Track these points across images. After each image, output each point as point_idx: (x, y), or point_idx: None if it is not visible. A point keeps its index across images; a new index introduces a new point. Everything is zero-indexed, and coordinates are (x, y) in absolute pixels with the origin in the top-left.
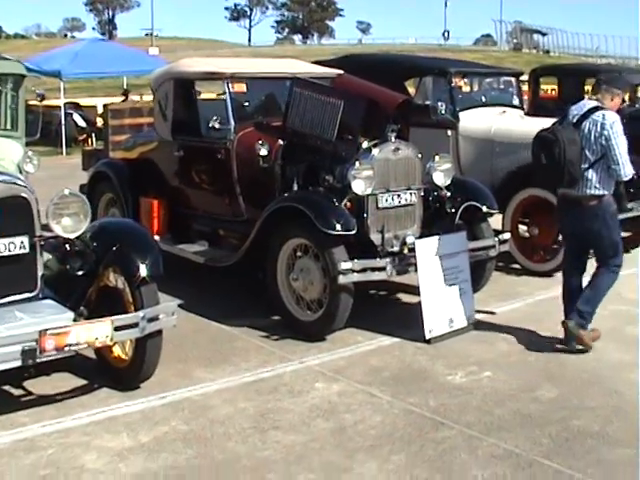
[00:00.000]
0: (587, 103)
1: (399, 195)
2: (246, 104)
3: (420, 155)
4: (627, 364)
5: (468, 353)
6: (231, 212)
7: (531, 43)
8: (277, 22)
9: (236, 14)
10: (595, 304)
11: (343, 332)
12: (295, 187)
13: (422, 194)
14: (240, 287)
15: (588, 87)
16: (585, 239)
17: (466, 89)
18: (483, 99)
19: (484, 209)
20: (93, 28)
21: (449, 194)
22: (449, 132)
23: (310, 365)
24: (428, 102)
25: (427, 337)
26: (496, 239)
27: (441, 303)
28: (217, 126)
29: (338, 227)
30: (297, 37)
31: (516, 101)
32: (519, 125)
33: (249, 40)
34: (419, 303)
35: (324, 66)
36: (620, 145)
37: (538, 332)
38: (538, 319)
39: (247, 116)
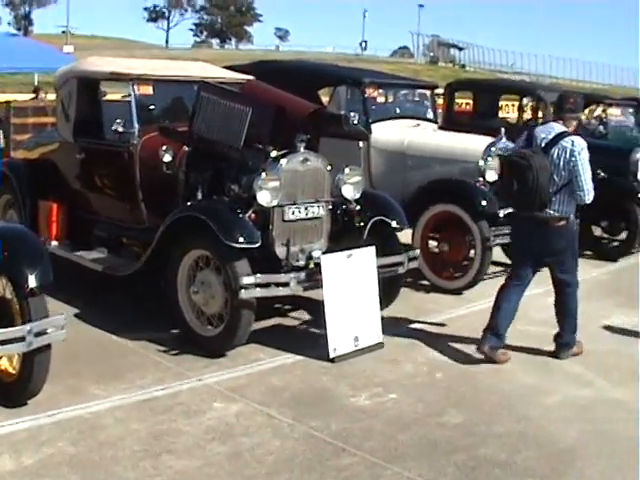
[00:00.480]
0: (554, 127)
1: (306, 208)
2: (152, 107)
3: (330, 167)
4: (538, 388)
5: (374, 373)
6: (133, 219)
7: (447, 57)
8: (195, 25)
9: (154, 15)
10: (575, 326)
11: (245, 348)
12: (200, 195)
13: (330, 207)
14: (141, 297)
15: (503, 103)
16: (546, 258)
17: (380, 100)
18: (397, 111)
19: (393, 224)
20: (9, 23)
21: (358, 208)
22: (361, 144)
23: (208, 383)
24: (341, 112)
25: (331, 356)
26: (405, 256)
27: (347, 321)
28: (120, 129)
29: (241, 240)
30: (215, 41)
31: (430, 114)
32: (432, 139)
33: (166, 42)
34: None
35: (236, 71)
36: (586, 172)
37: (446, 352)
38: (447, 338)
39: (153, 120)
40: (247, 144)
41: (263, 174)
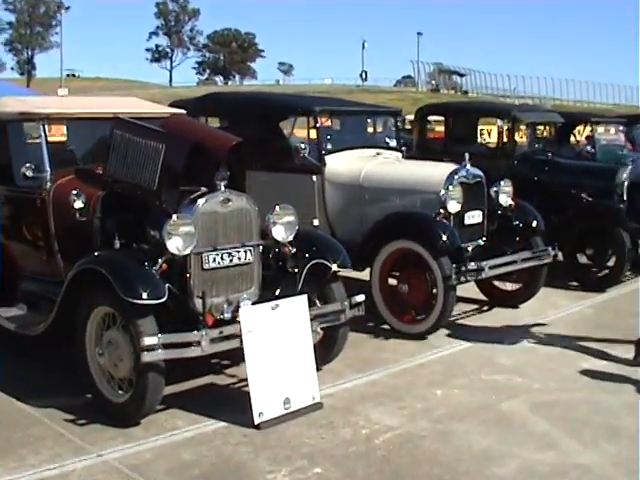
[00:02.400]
0: None
1: (230, 254)
2: (72, 148)
3: (256, 207)
4: (491, 454)
5: (302, 441)
6: (50, 272)
7: (449, 84)
8: (198, 63)
9: (157, 55)
10: None
11: (163, 414)
12: (117, 244)
13: (261, 251)
14: (58, 358)
15: (482, 127)
16: None
17: (338, 129)
18: (355, 140)
19: (334, 267)
20: (12, 68)
21: (294, 251)
22: (314, 177)
23: (108, 459)
24: (294, 144)
25: (256, 422)
26: (345, 303)
27: (275, 381)
28: (30, 174)
29: (144, 295)
30: (219, 78)
31: (393, 142)
32: (391, 169)
33: (170, 81)
34: None
35: (185, 105)
36: None
37: (393, 412)
38: (397, 395)
39: (69, 162)
40: (164, 185)
41: (173, 218)
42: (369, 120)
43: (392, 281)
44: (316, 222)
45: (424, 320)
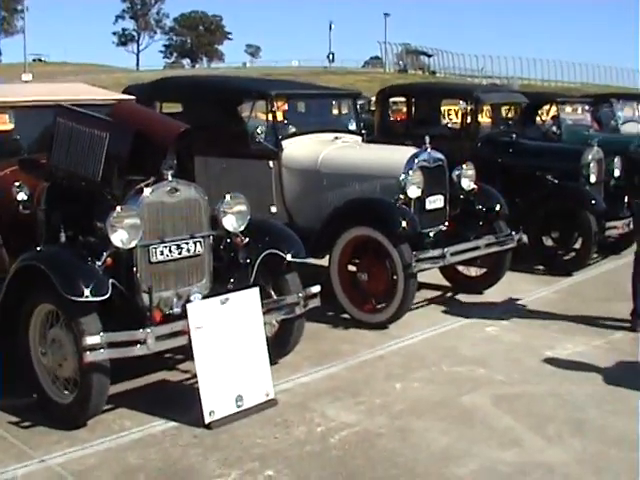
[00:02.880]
0: None
1: (179, 245)
2: (17, 138)
3: (206, 196)
4: (451, 452)
5: (254, 442)
6: None
7: (417, 64)
8: (165, 46)
9: (124, 39)
10: None
11: (111, 415)
12: (63, 238)
13: (212, 242)
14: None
15: (445, 108)
16: None
17: (296, 113)
18: (314, 124)
19: (288, 257)
20: None
21: (246, 241)
22: (271, 163)
23: (51, 465)
24: (250, 129)
25: (207, 421)
26: (301, 295)
27: (226, 378)
28: None
29: (86, 292)
30: (186, 61)
31: (353, 126)
32: (350, 154)
33: (137, 65)
34: None
35: (138, 90)
36: None
37: (351, 407)
38: (355, 390)
39: (15, 152)
40: (109, 175)
41: (117, 210)
42: (328, 103)
43: (353, 268)
44: (274, 209)
45: (385, 309)
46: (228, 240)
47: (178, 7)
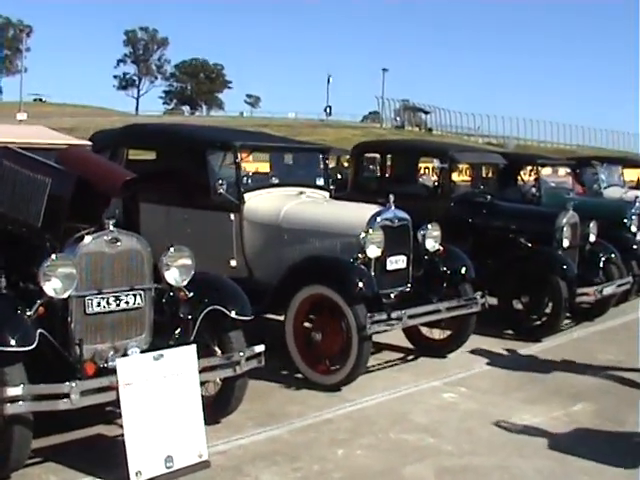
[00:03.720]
0: None
1: (117, 297)
2: None
3: (149, 247)
4: None
5: None
6: None
7: (414, 121)
8: (165, 92)
9: (124, 83)
10: None
11: (38, 468)
12: (3, 283)
13: (154, 295)
14: None
15: (422, 165)
16: None
17: (264, 166)
18: (278, 178)
19: (232, 315)
20: None
21: (190, 295)
22: (232, 216)
23: None
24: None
25: None
26: (242, 353)
27: (155, 437)
28: None
29: (11, 342)
30: (186, 108)
31: (321, 181)
32: (313, 209)
33: (137, 109)
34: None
35: (107, 136)
36: None
37: (285, 475)
38: (294, 454)
39: None
40: (50, 221)
41: (51, 258)
42: (296, 157)
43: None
44: (233, 262)
45: (338, 371)
46: (171, 294)
47: (180, 54)
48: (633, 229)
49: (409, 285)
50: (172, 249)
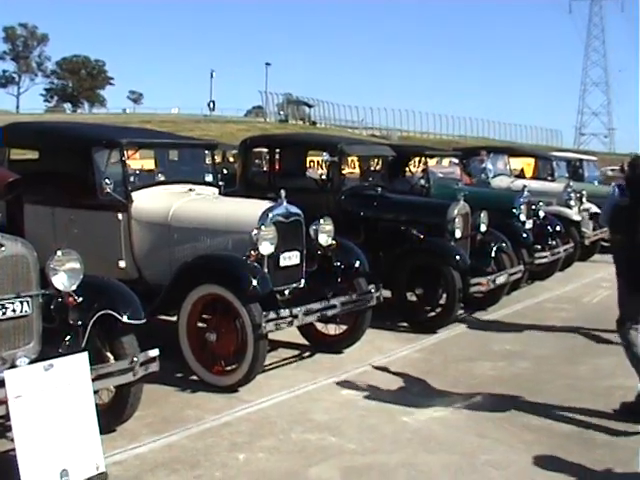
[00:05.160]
0: None
1: (3, 306)
2: None
3: (35, 252)
4: None
5: None
6: None
7: (298, 115)
8: (46, 90)
9: (4, 80)
10: None
11: None
12: None
13: (42, 301)
14: None
15: (311, 159)
16: None
17: (149, 163)
18: (165, 175)
19: (124, 320)
20: None
21: (79, 300)
22: (120, 215)
23: None
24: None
25: None
26: (135, 359)
27: (49, 451)
28: None
29: None
30: (68, 105)
31: (209, 177)
32: (203, 207)
33: (17, 107)
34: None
35: None
36: None
37: None
38: (194, 461)
39: None
40: None
41: None
42: (183, 153)
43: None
44: (122, 264)
45: (235, 371)
46: (60, 299)
47: (61, 50)
48: (522, 218)
49: (303, 281)
50: (59, 253)
